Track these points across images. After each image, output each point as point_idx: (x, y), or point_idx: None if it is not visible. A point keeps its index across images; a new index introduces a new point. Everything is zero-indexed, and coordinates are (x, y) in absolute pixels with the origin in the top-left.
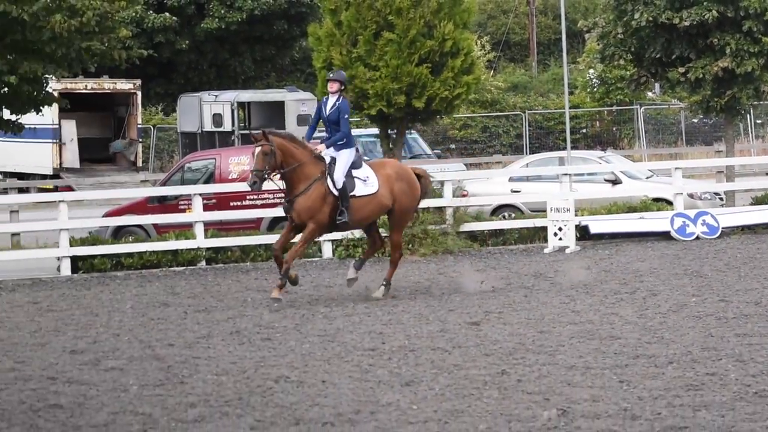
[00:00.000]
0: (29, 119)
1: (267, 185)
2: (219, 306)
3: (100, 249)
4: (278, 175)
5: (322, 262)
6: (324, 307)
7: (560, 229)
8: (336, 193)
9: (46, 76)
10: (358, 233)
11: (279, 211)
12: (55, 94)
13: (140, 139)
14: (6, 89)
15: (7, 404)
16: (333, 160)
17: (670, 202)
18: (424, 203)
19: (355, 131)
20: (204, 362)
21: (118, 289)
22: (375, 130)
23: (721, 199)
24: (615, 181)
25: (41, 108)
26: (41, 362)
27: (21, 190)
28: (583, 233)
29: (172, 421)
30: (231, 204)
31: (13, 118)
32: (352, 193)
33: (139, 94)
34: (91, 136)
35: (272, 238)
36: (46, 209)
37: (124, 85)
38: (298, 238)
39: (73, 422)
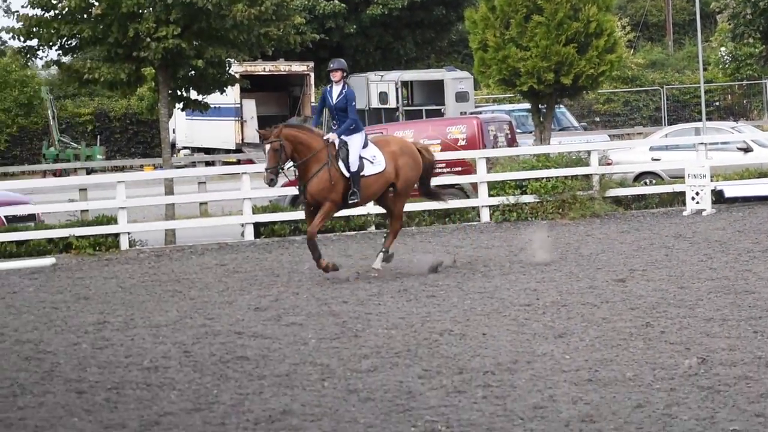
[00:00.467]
0: (214, 99)
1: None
2: (387, 266)
3: (280, 216)
4: (291, 166)
5: (480, 225)
6: (483, 267)
7: (697, 193)
8: (348, 175)
9: (229, 59)
10: (512, 199)
11: (440, 180)
12: (237, 76)
13: (313, 116)
14: (193, 72)
15: (199, 356)
16: (343, 143)
17: None
18: (572, 171)
19: (507, 106)
20: (375, 317)
21: (296, 252)
22: (526, 105)
23: None
24: (747, 149)
25: (225, 89)
26: (229, 318)
27: (207, 164)
28: (718, 197)
29: (347, 371)
30: None
31: (200, 98)
32: (362, 173)
33: (312, 75)
34: (269, 114)
35: (436, 206)
36: (230, 180)
37: (298, 67)
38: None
39: (258, 372)
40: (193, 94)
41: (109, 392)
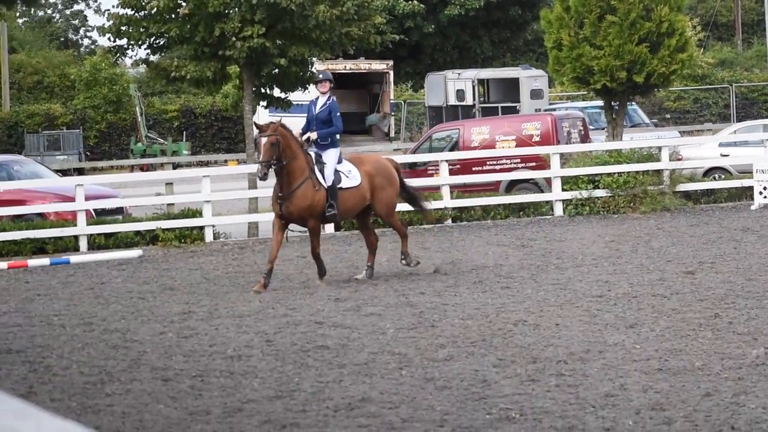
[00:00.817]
0: (296, 97)
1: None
2: (464, 259)
3: None
4: (272, 168)
5: (553, 219)
6: (556, 259)
7: (765, 188)
8: (326, 186)
9: (311, 58)
10: (585, 192)
11: (515, 175)
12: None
13: (392, 113)
14: (277, 70)
15: (280, 345)
16: (318, 156)
17: None
18: (643, 166)
19: (581, 104)
20: (452, 308)
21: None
22: (599, 103)
23: None
24: None
25: (307, 86)
26: (310, 309)
27: None
28: None
29: (425, 360)
30: (473, 169)
31: (283, 95)
32: (339, 185)
33: (391, 73)
34: (350, 111)
35: (511, 200)
36: None
37: (378, 65)
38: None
39: (338, 361)
40: (276, 92)
41: (193, 380)
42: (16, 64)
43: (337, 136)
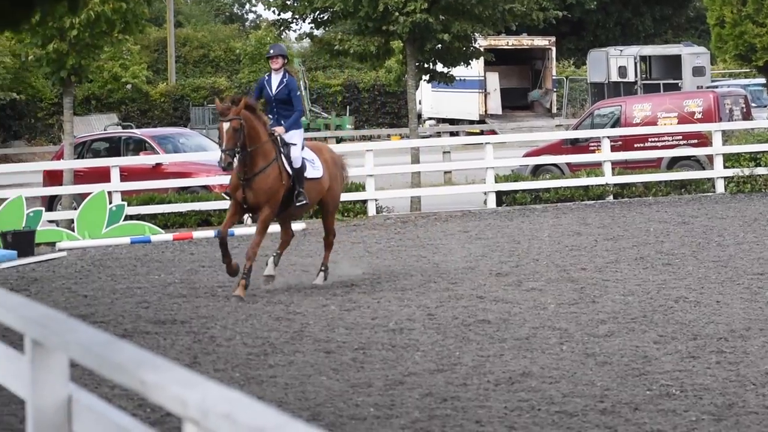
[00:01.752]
0: (459, 72)
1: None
2: (625, 235)
3: (521, 185)
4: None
5: (715, 196)
6: (717, 236)
7: None
8: (291, 173)
9: (474, 34)
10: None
11: (677, 152)
12: (482, 49)
13: (554, 89)
14: (440, 46)
15: (442, 319)
16: (283, 140)
17: None
18: None
19: (743, 81)
20: (612, 284)
21: (536, 220)
22: (762, 80)
23: None
24: None
25: (470, 62)
26: (471, 283)
27: (452, 134)
28: None
29: (585, 335)
30: (635, 145)
31: (446, 70)
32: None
33: (554, 49)
34: (511, 87)
35: (672, 176)
36: (473, 150)
37: (540, 41)
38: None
39: (499, 335)
40: (439, 67)
41: (355, 352)
42: (182, 38)
43: (302, 118)
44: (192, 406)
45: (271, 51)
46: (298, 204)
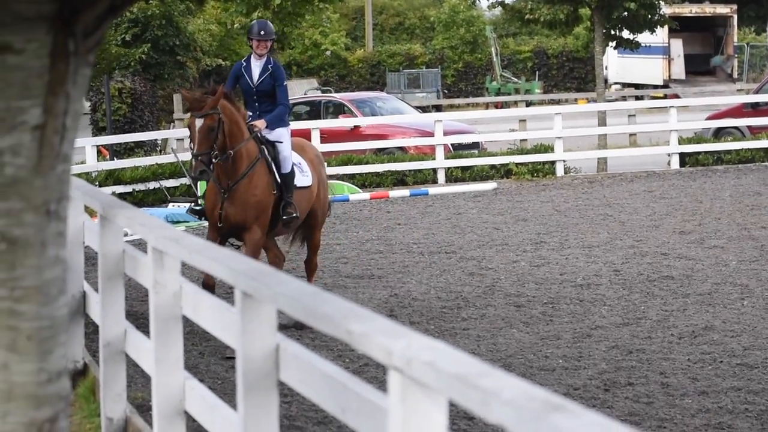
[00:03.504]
0: (643, 38)
1: None
2: None
3: (704, 147)
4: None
5: None
6: None
7: None
8: (278, 180)
9: (660, 1)
10: None
11: None
12: (666, 17)
13: (736, 55)
14: (626, 13)
15: (627, 275)
16: (265, 138)
17: None
18: None
19: None
20: None
21: (718, 180)
22: None
23: None
24: None
25: (654, 29)
26: (655, 240)
27: (637, 98)
28: None
29: (765, 291)
30: None
31: (631, 37)
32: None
33: (735, 17)
34: (694, 53)
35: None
36: (657, 114)
37: (722, 9)
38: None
39: (682, 291)
40: (625, 34)
41: (545, 306)
42: (379, 6)
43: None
44: (397, 354)
45: (262, 32)
46: (285, 218)
